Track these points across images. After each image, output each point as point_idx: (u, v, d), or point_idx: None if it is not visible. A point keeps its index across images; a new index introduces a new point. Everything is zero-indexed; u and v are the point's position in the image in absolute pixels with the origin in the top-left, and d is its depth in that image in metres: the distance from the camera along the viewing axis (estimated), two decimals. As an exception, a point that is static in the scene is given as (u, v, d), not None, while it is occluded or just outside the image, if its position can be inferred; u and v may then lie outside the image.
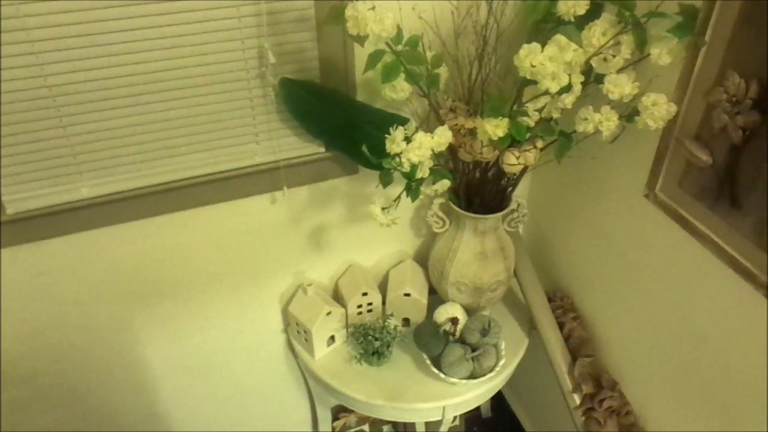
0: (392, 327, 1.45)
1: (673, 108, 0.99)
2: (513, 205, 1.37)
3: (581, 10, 0.92)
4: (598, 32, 0.96)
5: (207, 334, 1.51)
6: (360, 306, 1.47)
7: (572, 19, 0.94)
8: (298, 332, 1.47)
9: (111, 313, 1.36)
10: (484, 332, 1.37)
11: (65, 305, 1.30)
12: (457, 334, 1.39)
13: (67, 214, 1.17)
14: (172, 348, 1.49)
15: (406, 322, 1.52)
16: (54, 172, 1.13)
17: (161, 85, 1.11)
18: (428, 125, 1.27)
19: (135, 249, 1.29)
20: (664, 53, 0.94)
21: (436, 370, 1.36)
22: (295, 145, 1.28)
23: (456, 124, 1.15)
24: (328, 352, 1.47)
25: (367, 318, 1.49)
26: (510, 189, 1.34)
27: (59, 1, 0.97)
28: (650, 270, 1.21)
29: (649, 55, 0.96)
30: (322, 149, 1.30)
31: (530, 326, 1.54)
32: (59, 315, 1.31)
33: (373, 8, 0.92)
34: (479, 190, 1.31)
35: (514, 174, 1.21)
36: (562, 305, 1.51)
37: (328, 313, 1.41)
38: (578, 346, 1.43)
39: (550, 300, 1.50)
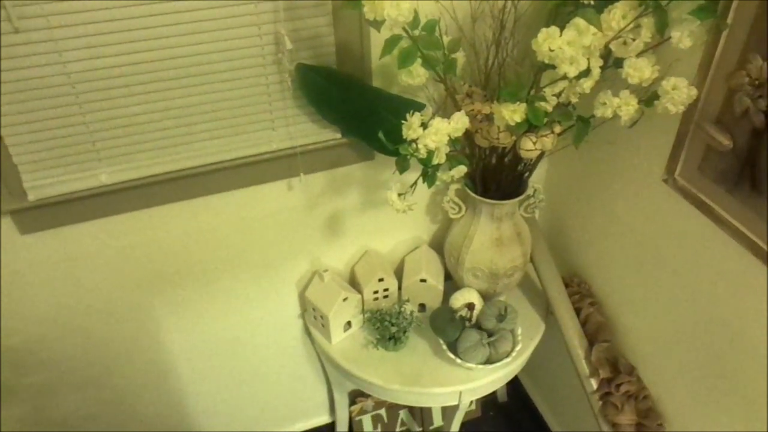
0: (408, 312, 1.45)
1: (694, 92, 0.97)
2: (529, 191, 1.37)
3: (601, -7, 0.91)
4: (618, 15, 0.95)
5: (225, 320, 1.53)
6: (376, 292, 1.48)
7: (591, 2, 0.92)
8: (315, 318, 1.49)
9: (131, 299, 1.38)
10: (501, 318, 1.38)
11: (86, 290, 1.33)
12: (474, 319, 1.40)
13: (86, 200, 1.18)
14: (191, 333, 1.51)
15: (422, 307, 1.53)
16: (73, 159, 1.15)
17: (178, 72, 1.11)
18: (445, 111, 1.27)
19: (153, 235, 1.30)
20: (685, 36, 0.92)
21: (452, 355, 1.37)
22: (312, 132, 1.28)
23: (472, 110, 1.14)
24: (344, 338, 1.49)
25: (383, 304, 1.50)
26: (527, 174, 1.33)
27: (77, -11, 0.97)
28: (668, 255, 1.20)
29: (669, 38, 0.94)
30: (339, 135, 1.30)
31: (547, 311, 1.54)
32: (81, 300, 1.33)
33: (390, -7, 0.91)
34: (496, 176, 1.31)
35: (531, 159, 1.21)
36: (579, 291, 1.50)
37: (345, 299, 1.42)
38: (595, 332, 1.43)
39: (567, 285, 1.49)
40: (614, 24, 0.95)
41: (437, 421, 1.92)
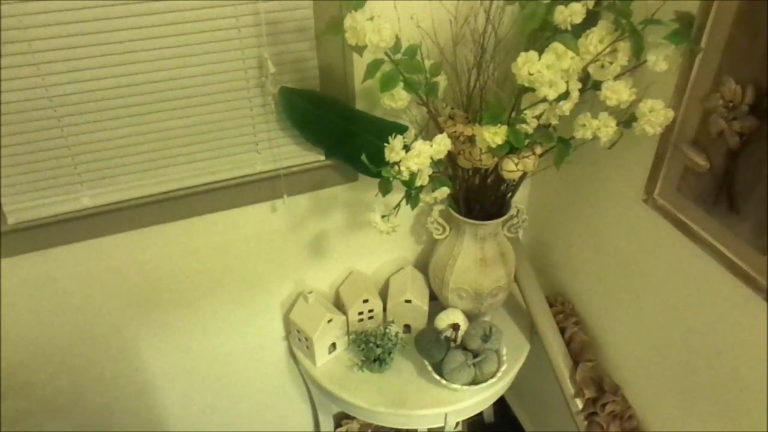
0: (393, 334, 1.45)
1: (671, 114, 0.99)
2: (512, 211, 1.38)
3: (577, 19, 0.93)
4: (595, 40, 0.97)
5: (208, 342, 1.51)
6: (361, 313, 1.48)
7: (569, 28, 0.94)
8: (300, 340, 1.48)
9: (112, 322, 1.37)
10: (486, 338, 1.38)
11: (66, 314, 1.31)
12: (459, 340, 1.40)
13: (68, 223, 1.17)
14: (174, 356, 1.49)
15: (407, 328, 1.52)
16: (55, 182, 1.14)
17: (162, 95, 1.12)
18: (427, 132, 1.28)
19: (135, 257, 1.29)
20: (660, 60, 0.95)
21: (437, 377, 1.36)
22: (295, 154, 1.29)
23: (455, 131, 1.16)
24: (329, 360, 1.48)
25: (368, 325, 1.49)
26: (509, 195, 1.35)
27: (61, 12, 0.97)
28: (650, 274, 1.22)
29: (645, 61, 0.97)
30: (322, 157, 1.31)
31: (531, 331, 1.54)
32: (60, 324, 1.32)
33: (372, 19, 0.92)
34: (479, 197, 1.32)
35: (513, 180, 1.22)
36: (563, 310, 1.51)
37: (329, 321, 1.42)
38: (580, 351, 1.44)
39: (550, 305, 1.50)
40: (591, 48, 0.97)
41: (424, 443, 1.90)
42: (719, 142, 0.95)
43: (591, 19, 0.96)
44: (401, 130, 1.11)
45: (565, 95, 0.99)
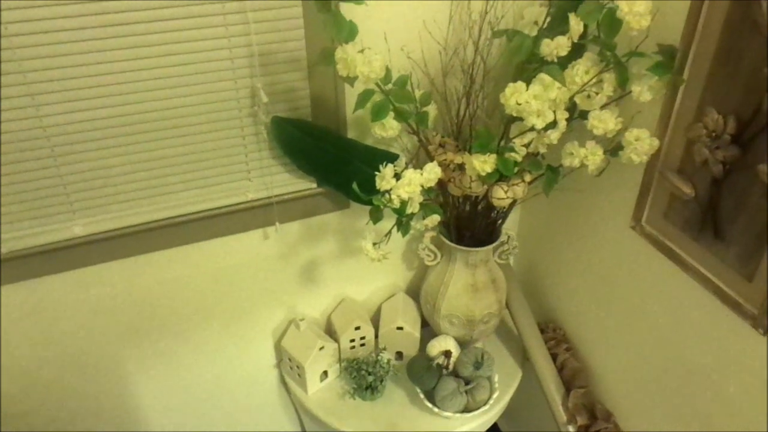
0: (385, 361, 1.45)
1: (656, 143, 1.01)
2: (503, 238, 1.39)
3: (563, 52, 0.95)
4: (581, 71, 0.99)
5: (199, 370, 1.50)
6: (353, 340, 1.47)
7: (555, 60, 0.97)
8: (291, 368, 1.47)
9: (103, 350, 1.36)
10: (477, 365, 1.38)
11: (58, 343, 1.30)
12: (451, 367, 1.40)
13: (59, 252, 1.17)
14: (164, 384, 1.48)
15: (399, 355, 1.52)
16: (47, 211, 1.14)
17: (155, 125, 1.13)
18: (418, 160, 1.30)
19: (127, 286, 1.29)
20: (645, 90, 0.97)
21: (429, 404, 1.36)
22: (287, 181, 1.30)
23: (445, 159, 1.17)
24: (321, 388, 1.47)
25: (360, 352, 1.49)
26: (500, 221, 1.36)
27: (56, 45, 0.99)
28: (639, 300, 1.22)
29: (630, 92, 0.99)
30: (314, 185, 1.32)
31: (523, 358, 1.54)
32: (52, 353, 1.30)
33: (362, 51, 0.94)
34: (469, 223, 1.33)
35: (504, 207, 1.23)
36: (555, 336, 1.51)
37: (321, 348, 1.41)
38: (572, 377, 1.43)
39: (542, 331, 1.50)
40: (578, 79, 0.99)
41: (417, 471, 1.88)
42: (703, 170, 0.97)
43: (577, 51, 0.99)
44: (392, 158, 1.13)
45: (552, 124, 1.01)
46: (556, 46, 0.95)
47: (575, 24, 0.94)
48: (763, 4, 0.81)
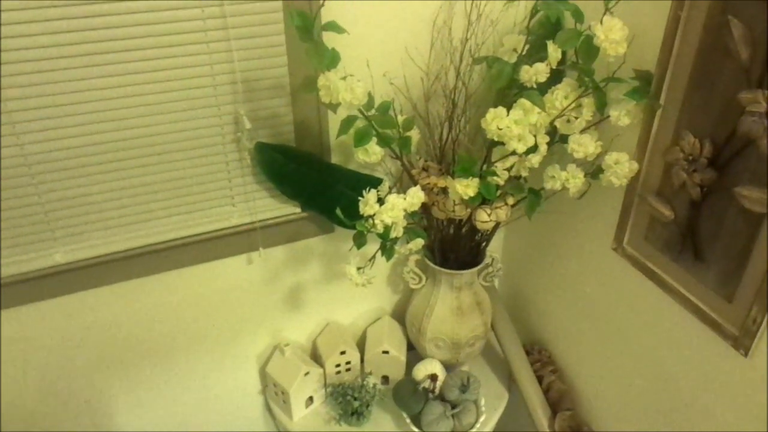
0: (371, 385, 1.43)
1: (635, 166, 1.03)
2: (487, 260, 1.39)
3: (542, 78, 0.97)
4: (560, 96, 1.01)
5: (183, 397, 1.48)
6: (338, 365, 1.46)
7: (534, 86, 0.98)
8: (276, 393, 1.45)
9: (85, 379, 1.33)
10: (464, 388, 1.37)
11: (39, 372, 1.28)
12: (437, 391, 1.39)
13: (40, 280, 1.16)
14: (147, 411, 1.45)
15: (385, 380, 1.51)
16: (27, 239, 1.13)
17: (138, 152, 1.13)
18: (402, 184, 1.30)
19: (107, 313, 1.28)
20: (623, 115, 0.99)
21: (416, 429, 1.35)
22: (271, 206, 1.30)
23: (429, 183, 1.18)
24: (306, 414, 1.45)
25: (346, 377, 1.48)
26: (484, 244, 1.37)
27: (37, 74, 0.99)
28: (622, 321, 1.23)
29: (609, 116, 1.00)
30: (298, 209, 1.32)
31: (510, 380, 1.54)
32: (32, 382, 1.28)
33: (345, 78, 0.95)
34: (454, 246, 1.34)
35: (487, 230, 1.24)
36: (540, 358, 1.51)
37: (306, 374, 1.40)
38: (558, 400, 1.43)
39: (528, 353, 1.50)
40: (557, 104, 1.01)
41: (404, 497, 1.86)
42: (682, 193, 0.98)
43: (556, 77, 1.00)
44: (375, 182, 1.13)
45: (533, 148, 1.02)
46: (535, 73, 0.97)
47: (553, 51, 0.96)
48: (734, 31, 0.83)
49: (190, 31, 1.05)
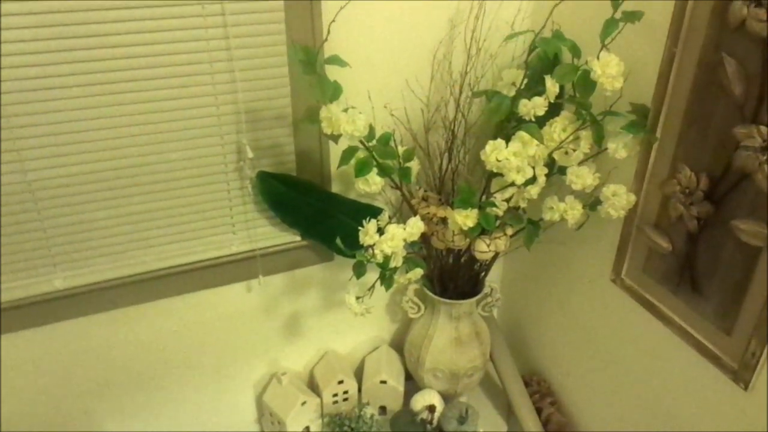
0: (368, 416, 1.42)
1: (632, 198, 1.04)
2: (486, 290, 1.40)
3: (540, 112, 0.99)
4: (558, 128, 1.02)
5: (178, 425, 1.46)
6: (336, 395, 1.45)
7: (533, 119, 1.00)
8: (273, 423, 1.44)
9: (81, 405, 1.32)
10: (462, 420, 1.36)
11: (35, 397, 1.27)
12: (435, 422, 1.38)
13: (38, 305, 1.16)
14: (142, 443, 1.44)
15: (382, 410, 1.50)
16: (28, 265, 1.13)
17: (141, 179, 1.14)
18: (401, 214, 1.31)
19: (104, 340, 1.27)
20: (620, 148, 1.00)
21: (414, 461, 1.33)
22: (272, 234, 1.30)
23: (428, 213, 1.19)
24: (303, 444, 1.44)
25: (343, 407, 1.47)
26: (483, 274, 1.37)
27: (43, 103, 1.01)
28: (621, 353, 1.23)
29: (606, 149, 1.02)
30: (298, 237, 1.33)
31: (508, 412, 1.52)
32: (28, 407, 1.27)
33: (347, 110, 0.97)
34: (453, 276, 1.34)
35: (486, 260, 1.24)
36: (539, 390, 1.50)
37: (303, 403, 1.39)
38: (557, 432, 1.42)
39: (527, 384, 1.49)
40: (555, 136, 1.03)
41: None
42: (679, 225, 0.99)
43: (554, 110, 1.02)
44: (375, 212, 1.14)
45: (532, 180, 1.04)
46: (534, 106, 0.99)
47: (551, 86, 0.98)
48: (727, 68, 0.85)
49: (195, 63, 1.07)
